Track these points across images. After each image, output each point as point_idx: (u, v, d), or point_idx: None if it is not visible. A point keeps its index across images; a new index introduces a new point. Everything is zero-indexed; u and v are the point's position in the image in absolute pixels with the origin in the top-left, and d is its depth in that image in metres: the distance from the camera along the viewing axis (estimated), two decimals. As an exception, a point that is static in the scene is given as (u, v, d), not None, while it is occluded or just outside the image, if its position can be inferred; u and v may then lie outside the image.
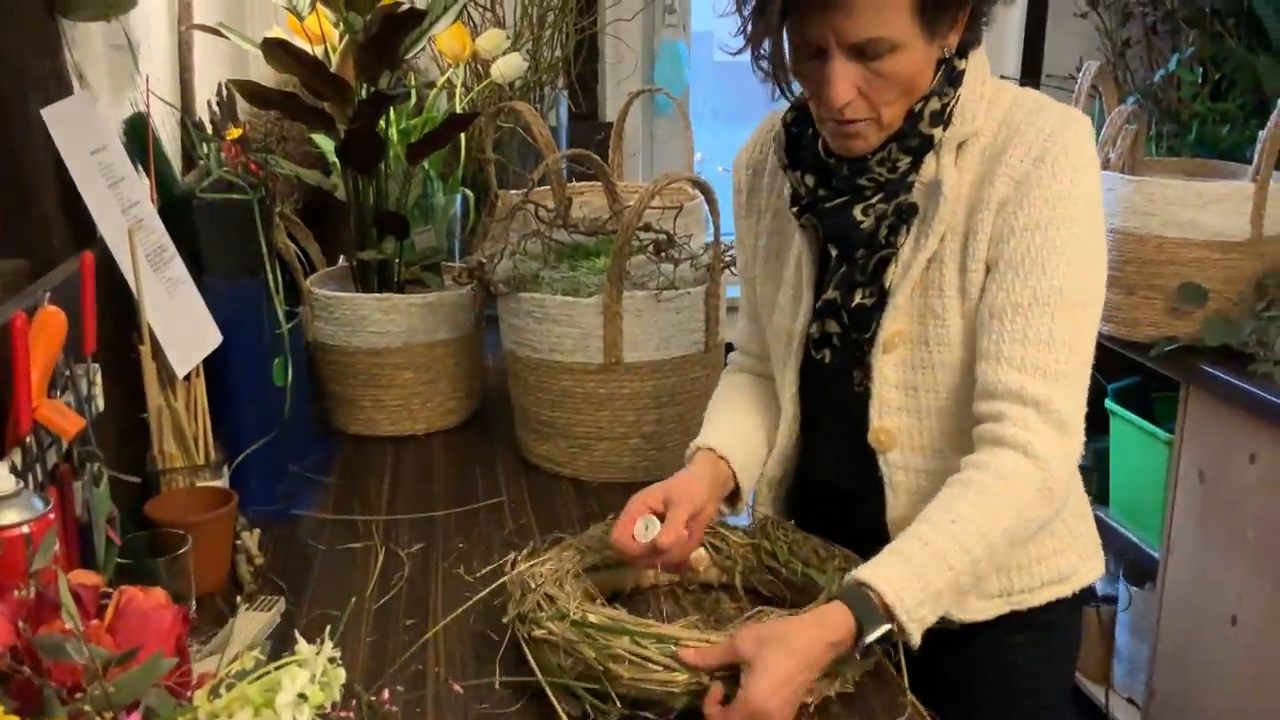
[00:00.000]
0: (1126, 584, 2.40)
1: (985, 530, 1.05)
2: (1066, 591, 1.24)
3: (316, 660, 0.70)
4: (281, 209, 1.74)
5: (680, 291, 1.56)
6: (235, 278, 1.48)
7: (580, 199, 1.90)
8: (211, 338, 1.42)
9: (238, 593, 1.27)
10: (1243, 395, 1.93)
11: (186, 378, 1.36)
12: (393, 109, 1.85)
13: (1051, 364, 1.07)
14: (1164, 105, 2.54)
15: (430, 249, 1.89)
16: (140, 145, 1.45)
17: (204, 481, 1.36)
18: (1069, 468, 1.10)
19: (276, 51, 1.58)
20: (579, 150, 1.70)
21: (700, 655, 1.00)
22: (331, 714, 0.78)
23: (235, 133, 1.57)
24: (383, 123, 1.74)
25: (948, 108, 1.12)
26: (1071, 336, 1.08)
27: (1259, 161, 2.00)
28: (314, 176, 1.92)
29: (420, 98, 2.08)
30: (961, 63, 1.13)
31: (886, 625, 1.01)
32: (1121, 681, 2.43)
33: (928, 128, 1.11)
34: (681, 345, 1.58)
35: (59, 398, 1.12)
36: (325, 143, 1.93)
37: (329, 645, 0.73)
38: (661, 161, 3.02)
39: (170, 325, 1.34)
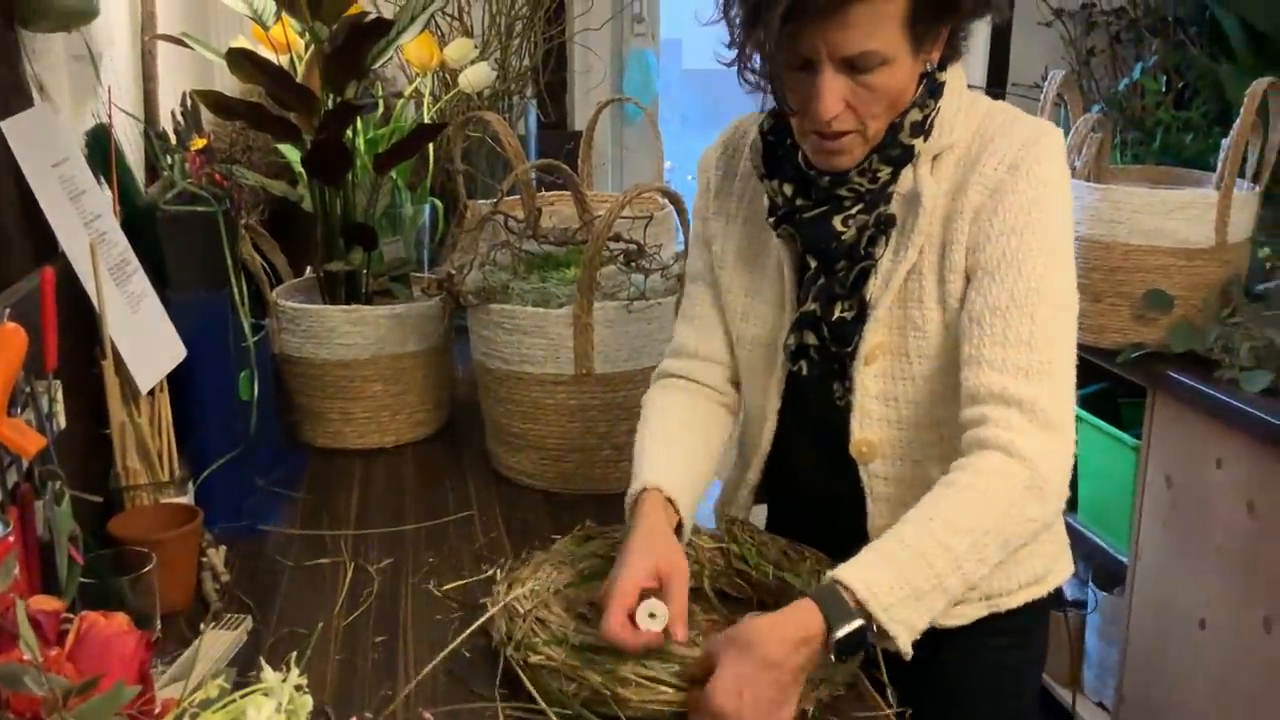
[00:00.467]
0: (1095, 589, 2.41)
1: (966, 528, 1.02)
2: (1042, 592, 1.25)
3: (283, 688, 0.69)
4: (247, 220, 1.72)
5: (651, 302, 1.55)
6: (200, 291, 1.46)
7: (550, 209, 1.89)
8: (175, 352, 1.40)
9: (204, 611, 1.25)
10: (1208, 401, 1.94)
11: (150, 393, 1.34)
12: (360, 119, 1.83)
13: (1033, 363, 1.07)
14: (1128, 113, 2.56)
15: (399, 260, 1.87)
16: (103, 157, 1.43)
17: (168, 498, 1.34)
18: (1059, 465, 1.07)
19: (241, 61, 1.57)
20: (548, 160, 1.70)
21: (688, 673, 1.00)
22: (299, 740, 0.76)
23: (200, 144, 1.55)
24: (350, 133, 1.72)
25: (928, 119, 1.12)
26: (1052, 336, 1.08)
27: (1222, 169, 2.02)
28: (280, 187, 1.90)
29: (388, 107, 2.06)
30: (943, 75, 1.14)
31: (858, 621, 0.98)
32: (1091, 685, 2.44)
33: (908, 138, 1.12)
34: (653, 356, 1.57)
35: (19, 415, 1.09)
36: (291, 153, 1.91)
37: (295, 672, 0.72)
38: (631, 170, 3.02)
39: (133, 340, 1.32)
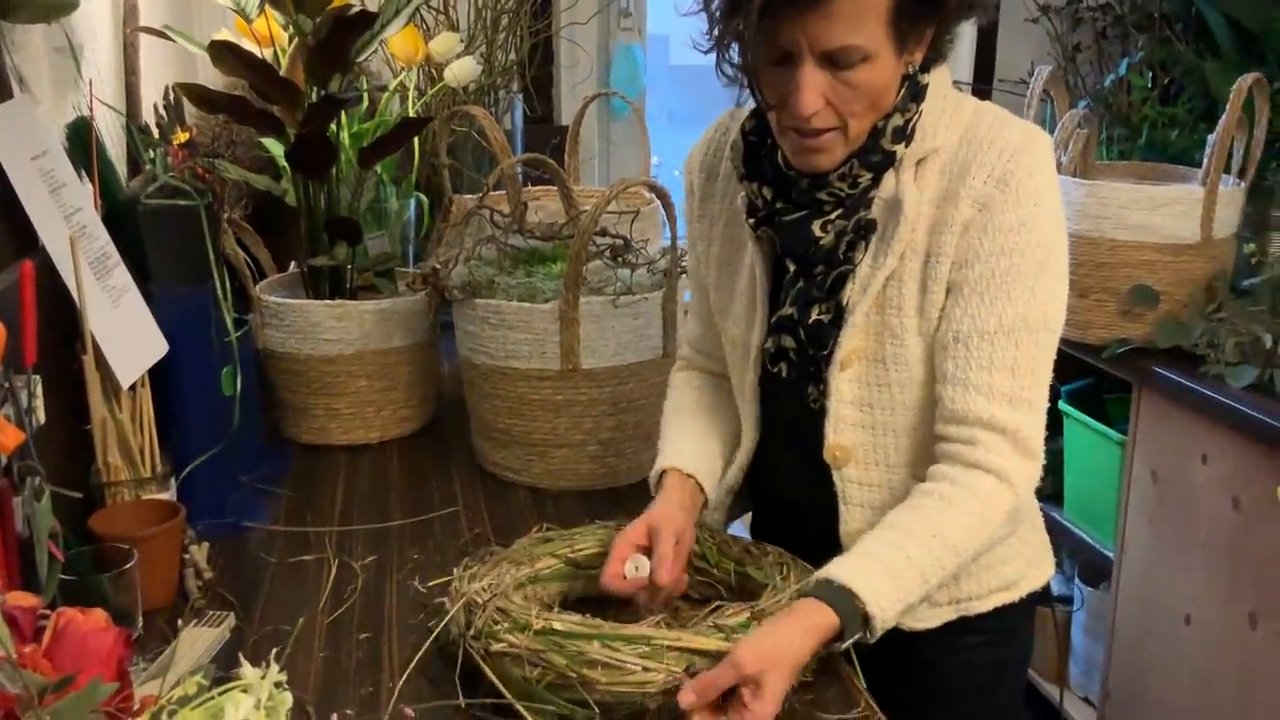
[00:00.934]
0: (1081, 584, 2.42)
1: (961, 549, 1.08)
2: (1014, 598, 1.26)
3: (262, 685, 0.68)
4: (230, 214, 1.71)
5: (637, 297, 1.55)
6: (182, 285, 1.44)
7: (536, 204, 1.88)
8: (157, 347, 1.39)
9: (186, 608, 1.24)
10: (1194, 396, 1.95)
11: (132, 388, 1.33)
12: (344, 113, 1.82)
13: (1017, 391, 1.09)
14: (1114, 109, 2.57)
15: (383, 255, 1.86)
16: (83, 150, 1.41)
17: (150, 494, 1.33)
18: (1032, 489, 1.13)
19: (224, 54, 1.55)
20: (534, 154, 1.68)
21: (703, 687, 0.97)
22: (280, 737, 0.75)
23: (182, 137, 1.53)
24: (334, 127, 1.71)
25: (910, 124, 1.11)
26: (1034, 363, 1.10)
27: (1208, 165, 2.03)
28: (263, 181, 1.88)
29: (372, 101, 2.05)
30: (925, 78, 1.12)
31: (862, 633, 1.04)
32: (1077, 681, 2.45)
33: (890, 144, 1.10)
34: (639, 351, 1.57)
35: (-3, 411, 1.08)
36: (275, 147, 1.89)
37: (275, 669, 0.71)
38: (618, 165, 3.01)
39: (114, 335, 1.31)
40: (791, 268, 1.18)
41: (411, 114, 2.13)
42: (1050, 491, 2.34)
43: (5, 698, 0.67)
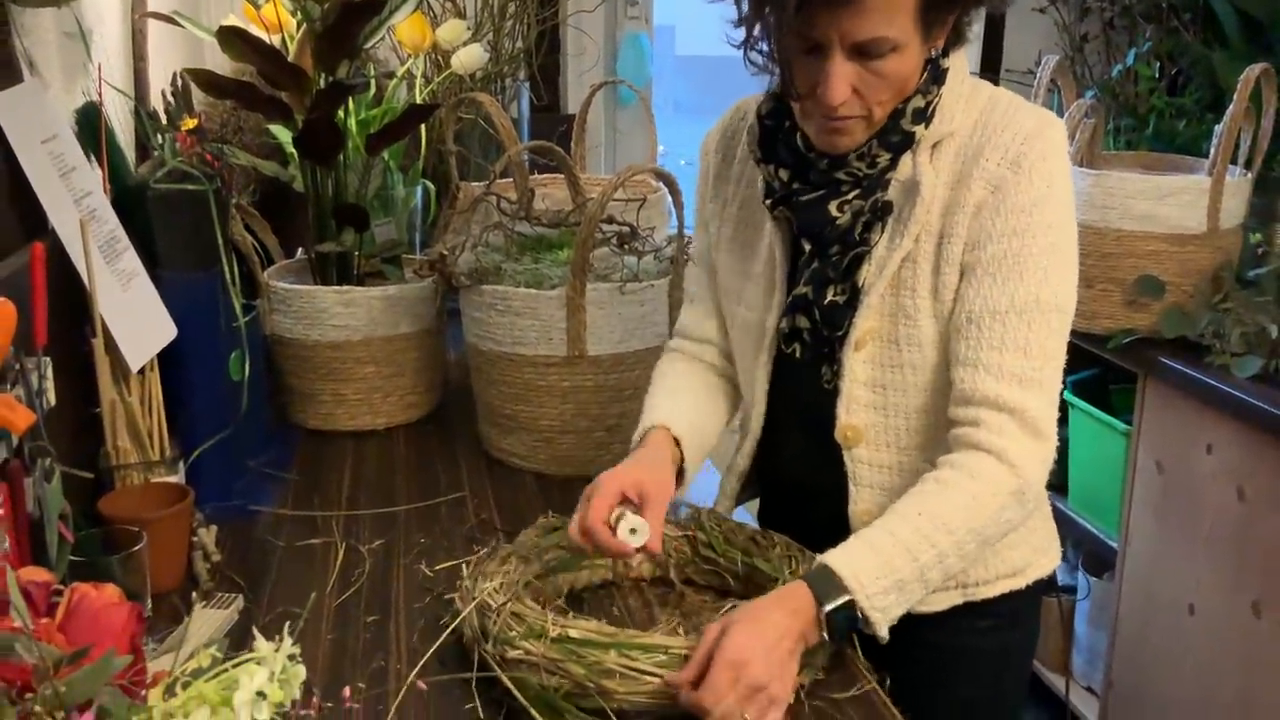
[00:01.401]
0: (1085, 574, 2.42)
1: (953, 526, 1.06)
2: (1020, 584, 1.26)
3: (275, 658, 0.69)
4: (238, 200, 1.72)
5: (644, 284, 1.55)
6: (190, 270, 1.45)
7: (543, 191, 1.89)
8: (166, 331, 1.40)
9: (194, 590, 1.25)
10: (1199, 386, 1.95)
11: (141, 372, 1.34)
12: (352, 99, 1.83)
13: (1027, 371, 1.09)
14: (1121, 100, 2.56)
15: (390, 241, 1.87)
16: (93, 135, 1.42)
17: (159, 477, 1.34)
18: (1043, 471, 1.12)
19: (233, 40, 1.56)
20: (541, 142, 1.69)
21: (684, 671, 0.98)
22: (291, 712, 0.76)
23: (190, 123, 1.54)
24: (341, 113, 1.71)
25: (931, 105, 1.12)
26: (1046, 343, 1.10)
27: (1215, 155, 2.03)
28: (271, 167, 1.89)
29: (380, 88, 2.06)
30: (946, 61, 1.13)
31: (846, 596, 1.03)
32: (1081, 670, 2.45)
33: (910, 125, 1.11)
34: (645, 338, 1.57)
35: (9, 391, 1.09)
36: (283, 133, 1.90)
37: (288, 642, 0.71)
38: (624, 154, 3.01)
39: (124, 318, 1.31)
40: (807, 248, 1.19)
41: (418, 101, 2.13)
42: (1055, 481, 2.31)
43: (21, 669, 0.68)
